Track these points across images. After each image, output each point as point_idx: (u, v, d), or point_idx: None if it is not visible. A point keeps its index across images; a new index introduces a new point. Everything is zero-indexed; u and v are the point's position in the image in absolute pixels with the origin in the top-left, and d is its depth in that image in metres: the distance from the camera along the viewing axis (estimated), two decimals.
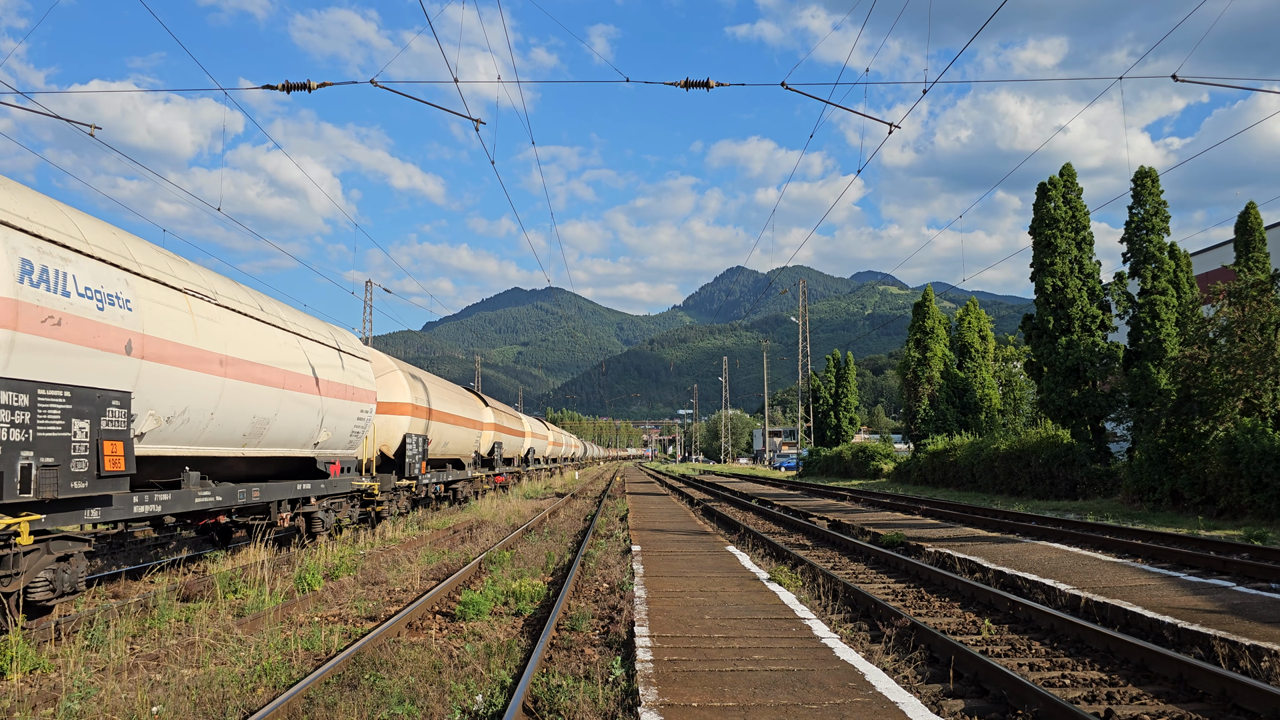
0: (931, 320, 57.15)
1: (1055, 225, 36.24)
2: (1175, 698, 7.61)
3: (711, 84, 14.30)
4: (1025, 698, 7.13)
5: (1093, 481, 33.47)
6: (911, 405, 57.09)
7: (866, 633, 10.27)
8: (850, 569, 15.93)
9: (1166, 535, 18.62)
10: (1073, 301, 35.55)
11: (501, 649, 9.25)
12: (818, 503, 32.92)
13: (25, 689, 7.65)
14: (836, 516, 25.07)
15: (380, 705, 7.04)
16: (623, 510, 28.20)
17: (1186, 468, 26.01)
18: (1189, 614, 10.03)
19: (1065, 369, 35.21)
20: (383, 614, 11.32)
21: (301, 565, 14.14)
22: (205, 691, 7.42)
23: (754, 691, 7.04)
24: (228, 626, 9.88)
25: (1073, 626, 9.78)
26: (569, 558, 16.79)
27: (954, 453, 45.89)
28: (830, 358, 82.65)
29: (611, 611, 11.08)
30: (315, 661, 8.73)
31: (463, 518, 24.93)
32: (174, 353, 11.14)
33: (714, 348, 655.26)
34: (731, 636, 9.08)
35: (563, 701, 7.06)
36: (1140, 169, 34.44)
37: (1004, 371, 61.58)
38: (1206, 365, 26.31)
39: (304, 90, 14.03)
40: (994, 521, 22.40)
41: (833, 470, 68.96)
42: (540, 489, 43.65)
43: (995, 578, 13.75)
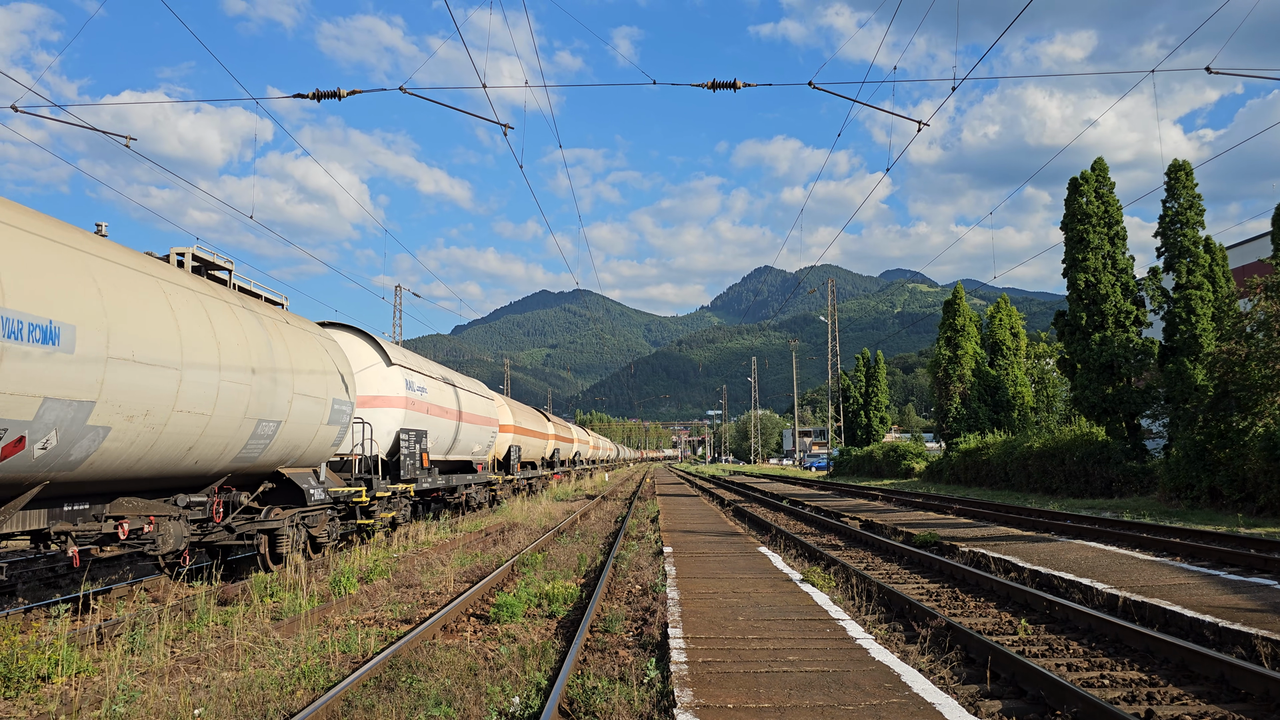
0: (962, 318, 56.69)
1: (1087, 220, 35.84)
2: (1217, 698, 7.52)
3: (739, 85, 14.29)
4: (1064, 698, 7.07)
5: (1128, 479, 33.06)
6: (943, 404, 56.66)
7: (901, 633, 10.22)
8: (883, 569, 15.85)
9: (1205, 533, 18.37)
10: (1106, 297, 35.15)
11: (536, 651, 9.30)
12: (849, 503, 32.77)
13: (70, 692, 7.78)
14: (868, 516, 24.94)
15: (418, 707, 7.10)
16: (653, 512, 28.22)
17: (1225, 464, 25.64)
18: (1230, 613, 9.90)
19: (1099, 366, 34.81)
20: (417, 616, 11.41)
21: (336, 569, 14.28)
22: (245, 694, 7.52)
23: (789, 693, 7.04)
24: (265, 630, 10.00)
25: (1111, 626, 9.68)
26: (601, 559, 16.83)
27: (986, 451, 45.50)
28: (860, 357, 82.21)
29: (645, 613, 11.10)
30: (352, 664, 8.82)
31: (494, 520, 25.05)
32: (440, 412, 23.76)
33: (742, 348, 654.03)
34: (766, 638, 9.07)
35: (598, 703, 7.09)
36: (1174, 162, 33.98)
37: (1036, 369, 60.96)
38: (1244, 360, 25.91)
39: (334, 98, 14.18)
40: (1028, 520, 22.19)
41: (864, 470, 68.59)
42: (570, 491, 43.76)
43: (1031, 577, 13.63)
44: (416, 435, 21.39)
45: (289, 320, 15.36)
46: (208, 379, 11.38)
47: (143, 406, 10.05)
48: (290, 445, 14.63)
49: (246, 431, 12.81)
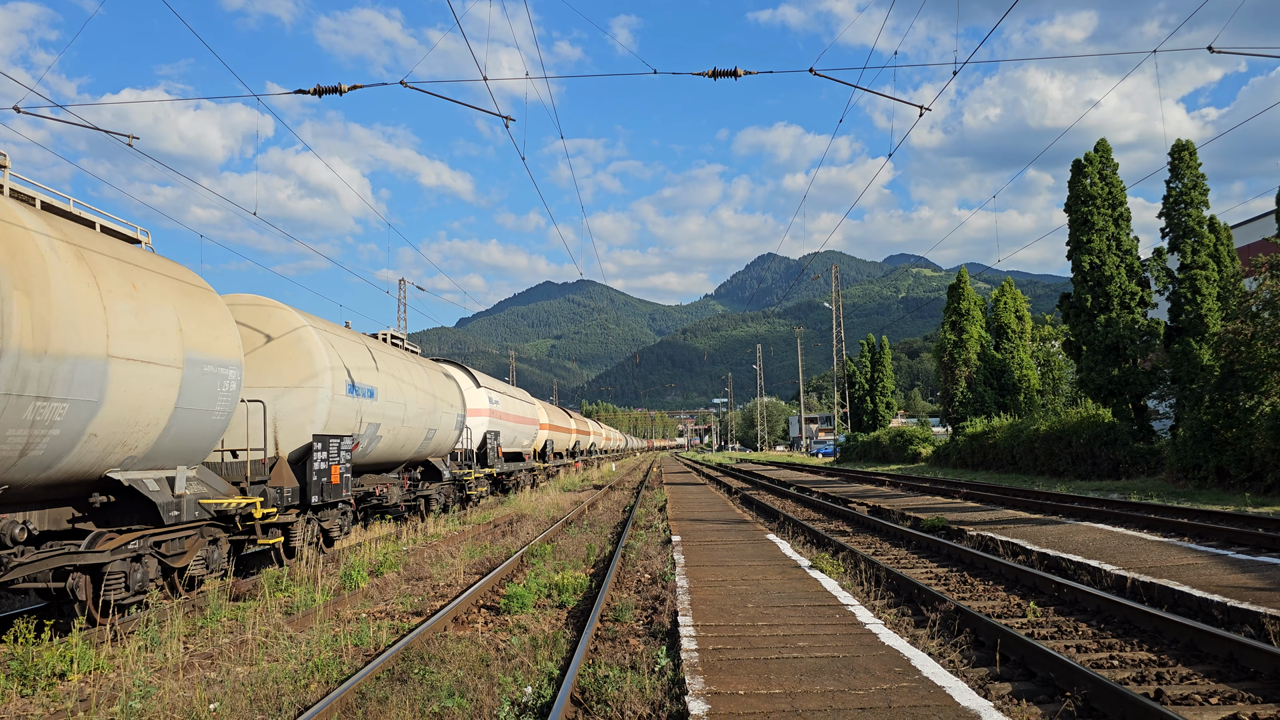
0: (966, 302, 56.60)
1: (1091, 202, 35.77)
2: (1226, 677, 7.54)
3: (739, 72, 14.26)
4: (1073, 679, 7.10)
5: (1135, 460, 33.06)
6: (948, 388, 56.61)
7: (910, 618, 10.25)
8: (892, 554, 15.89)
9: (1213, 513, 18.37)
10: (1111, 279, 35.08)
11: (547, 641, 9.35)
12: (856, 488, 32.81)
13: (86, 689, 7.85)
14: (876, 502, 24.98)
15: (431, 699, 7.15)
16: (661, 501, 28.28)
17: (1232, 444, 25.63)
18: (1238, 592, 9.92)
19: (1105, 347, 34.77)
20: (428, 609, 11.47)
21: (347, 563, 14.34)
22: (260, 688, 7.58)
23: (800, 678, 7.07)
24: (278, 624, 10.06)
25: (1119, 607, 9.71)
26: (610, 549, 16.88)
27: (993, 435, 45.49)
28: (865, 342, 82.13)
29: (654, 602, 11.14)
30: (365, 657, 8.88)
31: (502, 512, 25.13)
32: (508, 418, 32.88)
33: (747, 335, 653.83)
34: (775, 624, 9.11)
35: (610, 692, 7.14)
36: (1177, 142, 33.88)
37: (1042, 351, 60.88)
38: (1250, 340, 25.87)
39: (335, 93, 14.17)
40: (1036, 503, 22.21)
41: (870, 455, 68.62)
42: (578, 481, 43.86)
43: (1039, 560, 13.66)
44: (495, 435, 30.97)
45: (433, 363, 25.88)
46: (422, 406, 20.50)
47: (396, 421, 18.86)
48: (438, 444, 22.90)
49: (422, 436, 21.08)
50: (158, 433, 10.79)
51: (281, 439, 14.65)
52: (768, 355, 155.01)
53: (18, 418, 8.43)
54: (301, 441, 14.77)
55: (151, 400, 10.48)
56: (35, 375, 8.54)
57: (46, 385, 8.70)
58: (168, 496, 11.01)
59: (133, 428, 10.27)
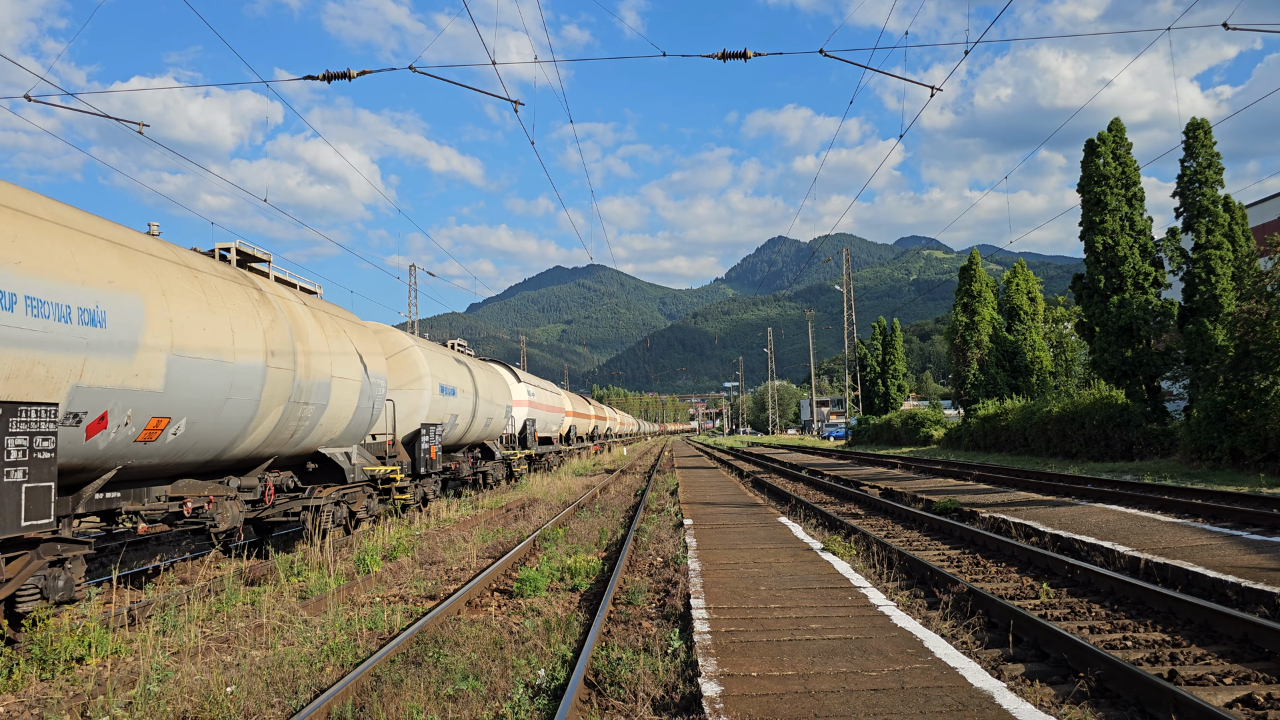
0: (978, 283, 56.37)
1: (1105, 182, 35.51)
2: (1241, 657, 7.53)
3: (749, 54, 14.17)
4: (1087, 660, 7.09)
5: (1149, 442, 32.93)
6: (960, 370, 56.46)
7: (923, 600, 10.26)
8: (904, 536, 15.89)
9: (1227, 494, 18.30)
10: (1124, 259, 34.86)
11: (560, 624, 9.39)
12: (868, 471, 32.79)
13: (104, 672, 7.92)
14: (888, 484, 24.96)
15: (445, 681, 7.20)
16: (672, 484, 28.32)
17: (1246, 425, 25.49)
18: (1253, 573, 9.89)
19: (1118, 328, 34.59)
20: (442, 593, 11.53)
21: (360, 547, 14.42)
22: (276, 671, 7.64)
23: (813, 660, 7.09)
24: (293, 608, 10.13)
25: (1133, 588, 9.69)
26: (622, 533, 16.93)
27: (1005, 417, 45.37)
28: (876, 325, 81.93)
29: (667, 585, 11.17)
30: (379, 640, 8.93)
31: (514, 496, 25.20)
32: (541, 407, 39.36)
33: (758, 319, 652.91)
34: (788, 607, 9.12)
35: (623, 674, 7.16)
36: (1191, 121, 33.56)
37: (1054, 333, 60.61)
38: (1265, 319, 25.68)
39: (344, 79, 14.15)
40: (1049, 485, 22.16)
41: (882, 438, 68.53)
42: (589, 465, 43.95)
43: (1052, 541, 13.64)
44: (532, 421, 35.77)
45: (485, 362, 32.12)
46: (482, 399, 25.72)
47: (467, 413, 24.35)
48: (492, 430, 28.35)
49: (483, 424, 26.54)
50: (346, 423, 16.04)
51: (399, 426, 19.78)
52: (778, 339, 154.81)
53: (294, 415, 13.67)
54: (412, 428, 20.06)
55: (346, 403, 15.72)
56: (303, 390, 13.71)
57: (307, 396, 13.90)
58: (348, 465, 16.19)
59: (337, 420, 15.55)
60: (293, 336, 13.53)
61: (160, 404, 10.05)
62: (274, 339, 12.75)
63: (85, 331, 8.68)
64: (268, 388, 12.52)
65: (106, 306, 9.03)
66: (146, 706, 6.60)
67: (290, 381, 13.27)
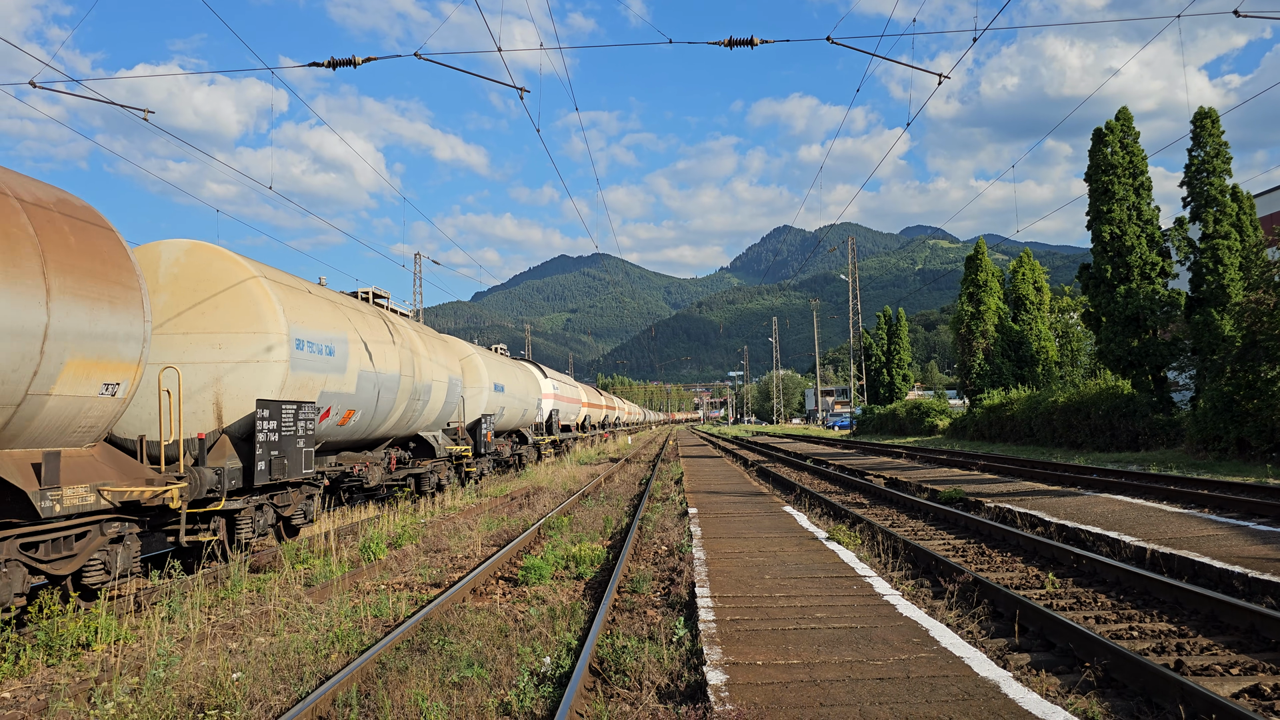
0: (984, 273, 56.18)
1: (1112, 171, 35.33)
2: (1247, 648, 7.51)
3: (756, 41, 14.10)
4: (1092, 650, 7.08)
5: (1155, 432, 32.85)
6: (966, 360, 56.33)
7: (928, 589, 10.25)
8: (909, 526, 15.87)
9: (1233, 484, 18.25)
10: (1131, 249, 34.72)
11: (565, 612, 9.39)
12: (873, 461, 32.77)
13: (110, 659, 7.95)
14: (893, 474, 24.94)
15: (450, 669, 7.20)
16: (677, 474, 28.33)
17: (1253, 415, 25.41)
18: (1259, 563, 9.85)
19: (1124, 318, 34.47)
20: (447, 580, 11.54)
21: (365, 535, 14.44)
22: (281, 658, 7.65)
23: (818, 649, 7.08)
24: (298, 595, 10.15)
25: (1139, 578, 9.67)
26: (626, 521, 16.93)
27: (1011, 407, 45.28)
28: (881, 315, 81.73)
29: (671, 573, 11.17)
30: (385, 628, 8.94)
31: (519, 485, 25.23)
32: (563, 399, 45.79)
33: (763, 308, 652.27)
34: (793, 595, 9.12)
35: (628, 662, 7.17)
36: (1200, 110, 33.35)
37: (1060, 323, 60.46)
38: (1273, 309, 25.57)
39: (349, 66, 14.10)
40: (1054, 475, 22.12)
41: (887, 428, 68.47)
42: (594, 454, 43.99)
43: (1057, 531, 13.61)
44: (555, 412, 42.05)
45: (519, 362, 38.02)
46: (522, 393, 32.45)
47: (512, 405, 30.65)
48: (526, 419, 34.15)
49: (519, 414, 32.33)
50: (437, 414, 21.38)
51: (466, 417, 25.81)
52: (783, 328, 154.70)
53: (412, 408, 18.92)
54: (474, 418, 26.19)
55: (439, 399, 21.03)
56: (417, 391, 19.03)
57: (419, 395, 19.25)
58: (438, 445, 21.41)
59: (432, 412, 20.81)
60: (411, 353, 18.80)
61: (352, 402, 15.54)
62: (403, 356, 18.07)
63: (325, 360, 14.15)
64: (400, 389, 17.89)
65: (333, 344, 14.52)
66: (152, 693, 6.61)
67: (411, 385, 18.56)
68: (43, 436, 8.83)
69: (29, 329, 8.15)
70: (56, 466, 8.65)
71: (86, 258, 9.18)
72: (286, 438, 12.53)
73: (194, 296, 12.46)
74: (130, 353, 9.77)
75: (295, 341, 12.88)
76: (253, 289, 12.61)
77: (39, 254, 8.44)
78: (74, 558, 9.33)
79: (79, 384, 8.95)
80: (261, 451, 11.89)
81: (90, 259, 9.25)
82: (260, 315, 12.49)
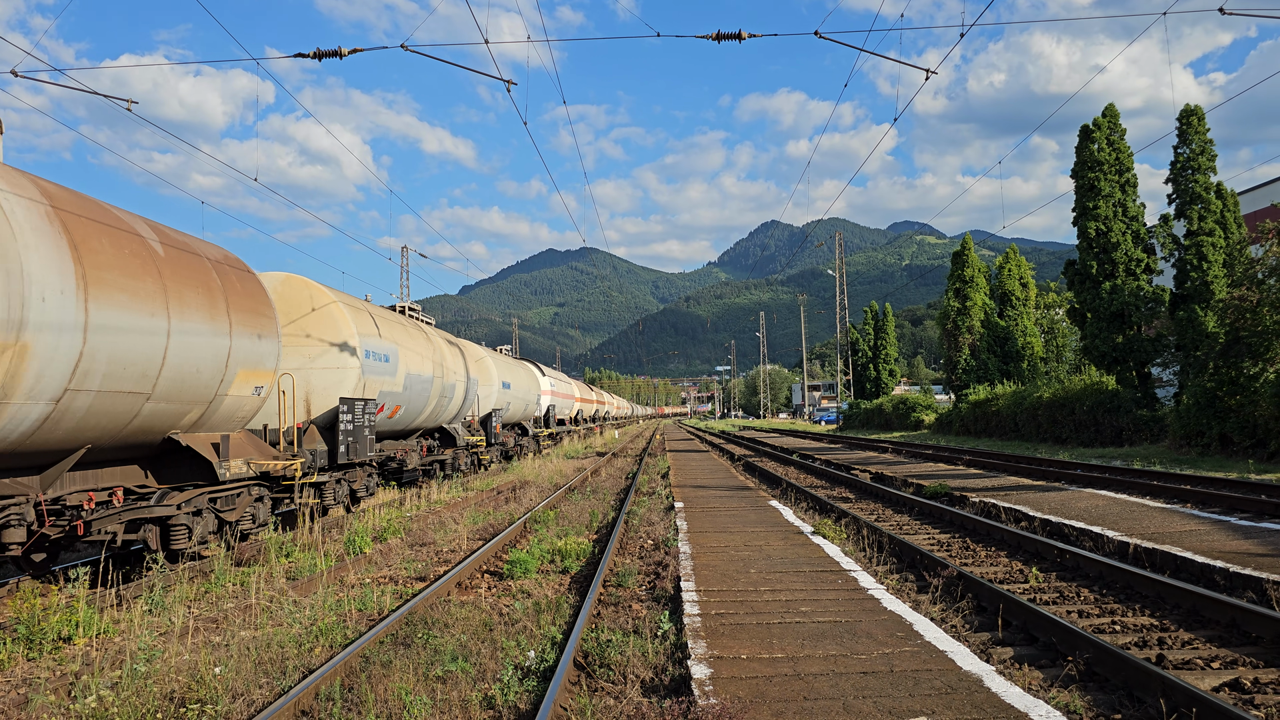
0: (971, 269, 56.35)
1: (1099, 168, 35.50)
2: (1228, 642, 7.56)
3: (744, 35, 14.07)
4: (1075, 644, 7.11)
5: (1139, 428, 33.05)
6: (952, 355, 56.53)
7: (913, 583, 10.28)
8: (894, 521, 15.92)
9: (1216, 480, 18.37)
10: (1117, 245, 34.90)
11: (550, 606, 9.38)
12: (859, 455, 32.86)
13: (92, 653, 7.89)
14: (879, 469, 25.01)
15: (435, 663, 7.18)
16: (664, 468, 28.34)
17: (1236, 411, 25.59)
18: (1241, 558, 9.92)
19: (1109, 314, 34.65)
20: (432, 574, 11.52)
21: (350, 529, 14.39)
22: (264, 652, 7.61)
23: (802, 643, 7.09)
24: (282, 589, 10.11)
25: (1122, 573, 9.72)
26: (613, 515, 16.93)
27: (996, 402, 45.48)
28: (868, 310, 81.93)
29: (657, 567, 11.18)
30: (369, 622, 8.91)
31: (505, 479, 25.19)
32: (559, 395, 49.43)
33: (750, 303, 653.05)
34: (778, 590, 9.13)
35: (613, 656, 7.16)
36: (1185, 107, 33.55)
37: (1046, 319, 60.71)
38: (1256, 306, 25.75)
39: (335, 57, 14.01)
40: (1039, 470, 22.22)
41: (873, 423, 68.68)
42: (581, 448, 43.96)
43: (1042, 526, 13.68)
44: (552, 407, 45.95)
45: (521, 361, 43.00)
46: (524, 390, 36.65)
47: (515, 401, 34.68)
48: (528, 412, 38.14)
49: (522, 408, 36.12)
50: (458, 409, 24.96)
51: (480, 411, 29.29)
52: (771, 323, 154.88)
53: (440, 404, 22.34)
54: (485, 412, 29.72)
55: (460, 396, 24.56)
56: (445, 389, 22.39)
57: (446, 392, 22.75)
58: (459, 436, 24.78)
59: (455, 407, 24.48)
60: (440, 357, 22.07)
61: (399, 399, 18.93)
62: (434, 360, 21.40)
63: (383, 365, 17.45)
64: (432, 389, 21.28)
65: (388, 352, 17.84)
66: (133, 686, 6.57)
67: (440, 384, 21.89)
68: (219, 424, 12.61)
69: (221, 352, 11.85)
70: (226, 445, 12.18)
71: (248, 298, 12.92)
72: (358, 427, 15.90)
73: (289, 316, 15.76)
74: (270, 364, 13.45)
75: (365, 351, 16.46)
76: (334, 311, 16.13)
77: (225, 300, 12.11)
78: (235, 510, 12.67)
79: (241, 387, 12.65)
80: (342, 438, 15.32)
81: (249, 299, 12.96)
82: (340, 331, 16.04)
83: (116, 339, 9.55)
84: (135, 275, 10.04)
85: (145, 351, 10.10)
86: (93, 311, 9.18)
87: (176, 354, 10.74)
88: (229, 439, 12.30)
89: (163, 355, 10.45)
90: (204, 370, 11.43)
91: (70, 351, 8.88)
